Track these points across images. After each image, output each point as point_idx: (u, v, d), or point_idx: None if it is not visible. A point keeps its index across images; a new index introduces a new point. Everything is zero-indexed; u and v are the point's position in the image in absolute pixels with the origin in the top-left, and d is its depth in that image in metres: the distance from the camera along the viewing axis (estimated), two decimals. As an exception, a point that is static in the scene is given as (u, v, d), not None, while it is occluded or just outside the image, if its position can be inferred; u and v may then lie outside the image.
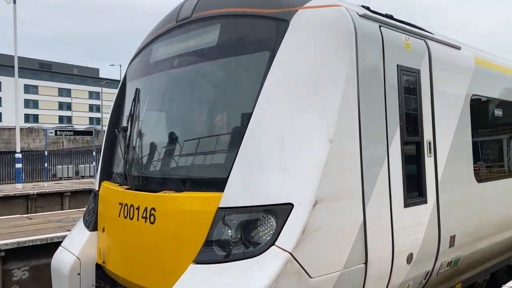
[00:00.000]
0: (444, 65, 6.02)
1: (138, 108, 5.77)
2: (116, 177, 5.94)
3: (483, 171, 6.90)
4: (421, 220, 5.31)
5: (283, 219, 3.94)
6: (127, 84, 6.41)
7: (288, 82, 4.31)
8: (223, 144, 4.70)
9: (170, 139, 5.31)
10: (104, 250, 5.60)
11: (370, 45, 4.80)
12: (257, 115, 4.28)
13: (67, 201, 24.17)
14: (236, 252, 4.01)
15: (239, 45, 4.74)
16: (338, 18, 4.55)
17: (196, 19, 5.27)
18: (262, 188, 4.08)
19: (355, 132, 4.47)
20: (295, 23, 4.44)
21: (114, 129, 6.00)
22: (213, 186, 4.40)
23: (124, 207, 5.16)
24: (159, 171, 5.31)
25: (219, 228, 4.16)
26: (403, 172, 5.08)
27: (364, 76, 4.64)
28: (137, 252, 4.93)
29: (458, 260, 6.14)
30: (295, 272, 3.83)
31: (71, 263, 5.60)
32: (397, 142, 5.06)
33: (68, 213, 15.83)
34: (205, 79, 5.14)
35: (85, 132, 45.00)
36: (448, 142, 5.93)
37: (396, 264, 4.86)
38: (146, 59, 6.02)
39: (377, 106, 4.84)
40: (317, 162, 4.09)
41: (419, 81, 5.51)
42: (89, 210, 6.26)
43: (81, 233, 6.02)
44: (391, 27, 5.27)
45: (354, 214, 4.38)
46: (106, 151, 6.39)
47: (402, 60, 5.26)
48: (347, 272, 4.25)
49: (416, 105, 5.45)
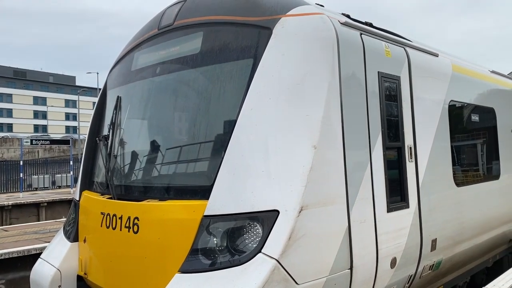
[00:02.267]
0: (423, 71, 6.14)
1: (120, 116, 5.70)
2: (97, 187, 5.84)
3: (462, 175, 7.04)
4: (404, 225, 5.38)
5: (269, 226, 3.94)
6: (108, 92, 6.33)
7: (272, 89, 4.32)
8: (208, 151, 4.68)
9: (153, 147, 5.25)
10: (85, 261, 5.48)
11: (351, 52, 4.87)
12: (242, 123, 4.28)
13: (43, 212, 23.66)
14: (222, 260, 3.98)
15: (222, 52, 4.74)
16: (321, 26, 4.60)
17: (178, 26, 5.25)
18: (247, 195, 4.07)
19: (339, 138, 4.51)
20: (278, 31, 4.47)
21: (95, 137, 5.91)
22: (198, 194, 4.36)
23: (106, 216, 5.07)
24: (141, 179, 5.24)
25: (205, 236, 4.12)
26: (385, 177, 5.14)
27: (346, 83, 4.69)
28: (120, 263, 4.84)
29: (440, 263, 6.24)
30: (282, 279, 3.82)
31: (51, 275, 5.46)
32: (379, 148, 5.13)
33: (45, 224, 15.47)
34: (188, 87, 5.11)
35: (62, 141, 44.09)
36: (428, 147, 6.04)
37: (380, 269, 4.90)
38: (127, 67, 5.96)
39: (359, 112, 4.90)
40: (302, 169, 4.11)
41: (399, 88, 5.61)
42: (69, 220, 6.13)
43: (61, 244, 5.89)
44: (371, 34, 5.36)
45: (339, 219, 4.40)
46: (86, 160, 6.28)
47: (382, 67, 5.34)
48: (333, 278, 4.27)
49: (397, 111, 5.54)
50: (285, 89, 4.33)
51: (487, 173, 7.96)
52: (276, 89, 4.32)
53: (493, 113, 8.33)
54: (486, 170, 7.93)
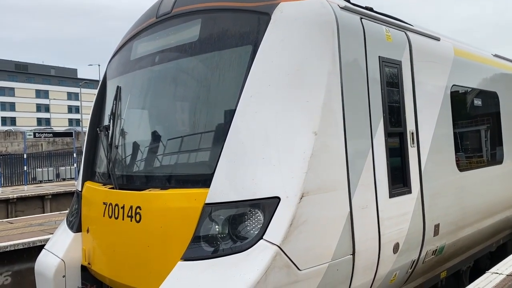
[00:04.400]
0: (424, 56, 6.08)
1: (120, 106, 5.68)
2: (99, 177, 5.84)
3: (464, 160, 7.01)
4: (406, 210, 5.37)
5: (270, 213, 3.93)
6: (108, 83, 6.31)
7: (271, 75, 4.29)
8: (208, 140, 4.66)
9: (154, 136, 5.24)
10: (89, 251, 5.51)
11: (351, 37, 4.81)
12: (241, 110, 4.25)
13: (48, 204, 23.75)
14: (224, 247, 3.99)
15: (221, 39, 4.70)
16: (320, 11, 4.55)
17: (176, 14, 5.20)
18: (248, 183, 4.06)
19: (340, 124, 4.48)
20: (276, 16, 4.42)
21: (96, 128, 5.90)
22: (199, 182, 4.36)
23: (109, 206, 5.08)
24: (143, 169, 5.24)
25: (206, 224, 4.13)
26: (387, 162, 5.12)
27: (347, 68, 4.65)
28: (123, 252, 4.86)
29: (443, 249, 6.24)
30: (284, 265, 3.83)
31: (56, 265, 5.49)
32: (381, 133, 5.10)
33: (50, 216, 15.54)
34: (187, 75, 5.08)
35: (65, 133, 44.24)
36: (430, 132, 6.00)
37: (383, 254, 4.90)
38: (126, 56, 5.93)
39: (360, 98, 4.86)
40: (303, 155, 4.09)
41: (400, 73, 5.55)
42: (72, 211, 6.15)
43: (64, 235, 5.91)
44: (372, 19, 5.30)
45: (340, 205, 4.39)
46: (88, 151, 6.28)
47: (383, 51, 5.29)
48: (336, 264, 4.27)
49: (399, 96, 5.50)
50: (285, 76, 4.29)
51: (490, 158, 7.92)
52: (275, 75, 4.29)
53: (496, 97, 8.26)
54: (489, 155, 7.89)
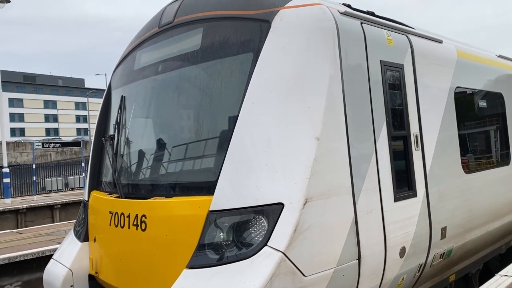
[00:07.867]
0: (427, 58, 6.07)
1: (125, 116, 5.74)
2: (105, 186, 5.89)
3: (470, 162, 6.97)
4: (412, 213, 5.34)
5: (274, 219, 3.94)
6: (112, 92, 6.37)
7: (273, 82, 4.31)
8: (211, 147, 4.69)
9: (158, 145, 5.28)
10: (96, 260, 5.54)
11: (352, 42, 4.83)
12: (243, 117, 4.28)
13: (57, 213, 23.87)
14: (229, 255, 4.00)
15: (222, 47, 4.73)
16: (320, 17, 4.57)
17: (178, 23, 5.25)
18: (251, 189, 4.08)
19: (342, 129, 4.49)
20: (277, 23, 4.45)
21: (101, 138, 5.95)
22: (203, 190, 4.38)
23: (115, 215, 5.12)
24: (148, 177, 5.28)
25: (211, 231, 4.14)
26: (391, 166, 5.11)
27: (348, 73, 4.66)
28: (130, 260, 4.89)
29: (451, 252, 6.19)
30: (289, 271, 3.83)
31: (63, 275, 5.53)
32: (384, 137, 5.09)
33: (59, 226, 15.64)
34: (190, 84, 5.13)
35: (73, 143, 44.62)
36: (434, 135, 5.98)
37: (389, 258, 4.88)
38: (130, 66, 5.99)
39: (362, 102, 4.87)
40: (306, 161, 4.10)
41: (403, 76, 5.55)
42: (79, 220, 6.20)
43: (72, 244, 5.96)
44: (372, 23, 5.31)
45: (345, 210, 4.39)
46: (94, 161, 6.33)
47: (385, 55, 5.30)
48: (341, 269, 4.26)
49: (401, 99, 5.50)
50: (286, 82, 4.31)
51: (497, 159, 7.87)
52: (277, 82, 4.31)
53: (501, 98, 8.22)
54: (495, 156, 7.84)
